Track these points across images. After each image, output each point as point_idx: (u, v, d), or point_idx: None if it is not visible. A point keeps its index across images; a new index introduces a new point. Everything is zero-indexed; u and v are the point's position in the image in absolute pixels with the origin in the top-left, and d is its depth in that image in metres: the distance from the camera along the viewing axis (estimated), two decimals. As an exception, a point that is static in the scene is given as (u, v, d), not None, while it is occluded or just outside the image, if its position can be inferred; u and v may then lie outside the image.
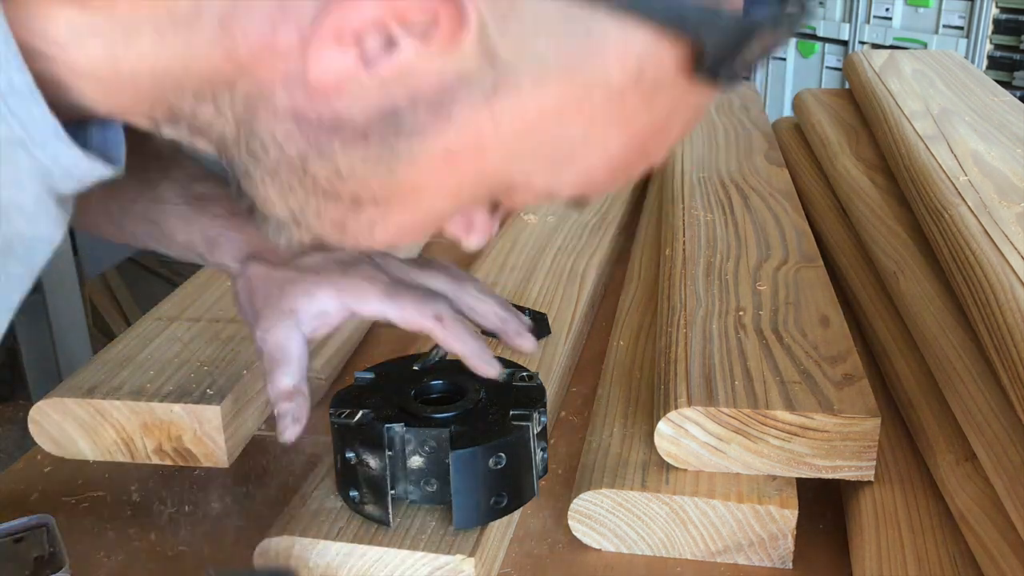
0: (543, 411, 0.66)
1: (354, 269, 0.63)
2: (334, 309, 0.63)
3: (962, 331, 0.77)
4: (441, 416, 0.64)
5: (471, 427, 0.63)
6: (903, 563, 0.63)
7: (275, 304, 0.62)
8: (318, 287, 0.62)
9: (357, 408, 0.65)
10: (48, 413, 0.73)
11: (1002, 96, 1.24)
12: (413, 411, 0.64)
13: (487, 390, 0.67)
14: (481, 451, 0.62)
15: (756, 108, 1.52)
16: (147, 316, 0.88)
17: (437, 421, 0.63)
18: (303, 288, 0.62)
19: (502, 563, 0.68)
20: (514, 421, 0.64)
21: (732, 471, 0.69)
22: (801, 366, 0.74)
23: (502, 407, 0.65)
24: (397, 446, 0.62)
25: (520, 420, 0.64)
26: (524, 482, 0.65)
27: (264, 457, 0.83)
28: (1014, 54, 3.73)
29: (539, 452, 0.66)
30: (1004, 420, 0.66)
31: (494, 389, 0.67)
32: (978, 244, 0.78)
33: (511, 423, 0.64)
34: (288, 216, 0.47)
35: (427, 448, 0.62)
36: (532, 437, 0.64)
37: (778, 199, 1.11)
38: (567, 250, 1.10)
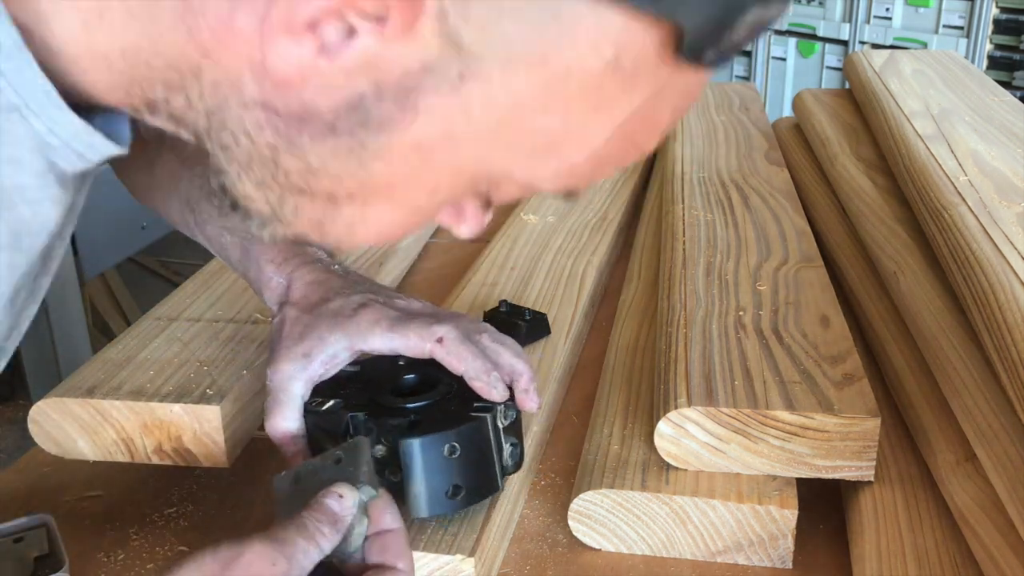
0: (511, 405, 0.65)
1: (364, 310, 0.66)
2: (343, 353, 0.66)
3: (962, 331, 0.77)
4: (406, 406, 0.64)
5: (428, 417, 0.63)
6: (903, 563, 0.63)
7: (291, 346, 0.66)
8: (331, 332, 0.66)
9: (331, 398, 0.66)
10: (48, 413, 0.73)
11: (1002, 96, 1.24)
12: (382, 402, 0.65)
13: (460, 384, 0.66)
14: (434, 439, 0.61)
15: (756, 108, 1.52)
16: (147, 316, 0.88)
17: (400, 411, 0.64)
18: (318, 333, 0.66)
19: (502, 563, 0.68)
20: (474, 412, 0.64)
21: (732, 471, 0.69)
22: (801, 366, 0.73)
23: (468, 400, 0.65)
24: (361, 434, 0.62)
25: (480, 411, 0.64)
26: (483, 474, 0.64)
27: (264, 457, 0.83)
28: (1014, 54, 3.73)
29: (508, 447, 0.65)
30: (1004, 420, 0.66)
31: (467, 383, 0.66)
32: (978, 244, 0.78)
33: (470, 413, 0.63)
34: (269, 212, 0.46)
35: (388, 437, 0.62)
36: (493, 429, 0.64)
37: (778, 199, 1.11)
38: (567, 250, 1.10)
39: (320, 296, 0.68)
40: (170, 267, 3.36)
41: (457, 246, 1.29)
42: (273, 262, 0.70)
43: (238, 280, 0.94)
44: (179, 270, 3.30)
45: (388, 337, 0.65)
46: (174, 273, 3.29)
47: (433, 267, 1.20)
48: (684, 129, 1.40)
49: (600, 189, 1.31)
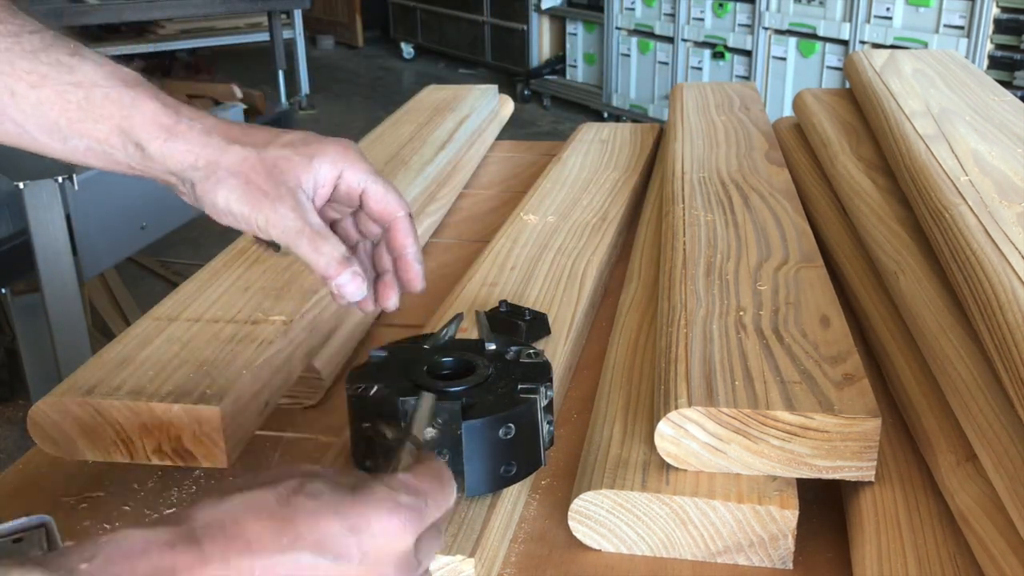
0: (549, 385, 0.69)
1: (339, 140, 0.64)
2: (330, 176, 0.63)
3: (962, 331, 0.77)
4: (453, 389, 0.67)
5: (481, 400, 0.66)
6: (903, 563, 0.63)
7: (282, 181, 0.61)
8: (313, 157, 0.62)
9: (372, 383, 0.68)
10: (47, 413, 0.73)
11: (1002, 96, 1.24)
12: (426, 385, 0.67)
13: (496, 367, 0.70)
14: (492, 421, 0.64)
15: (756, 108, 1.52)
16: (147, 316, 0.88)
17: (450, 394, 0.66)
18: (299, 161, 0.62)
19: (502, 563, 0.68)
20: (522, 394, 0.67)
21: (732, 471, 0.69)
22: (801, 366, 0.73)
23: (510, 381, 0.68)
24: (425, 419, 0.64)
25: (528, 393, 0.67)
26: (532, 451, 0.68)
27: (264, 457, 0.83)
28: (1014, 54, 3.73)
29: (545, 424, 0.69)
30: (1004, 420, 0.66)
31: (502, 366, 0.70)
32: (979, 244, 0.77)
33: (519, 395, 0.67)
34: None
35: (440, 420, 0.64)
36: (539, 409, 0.67)
37: (778, 199, 1.11)
38: (567, 250, 1.10)
39: (266, 133, 0.63)
40: (170, 267, 3.36)
41: (457, 246, 1.29)
42: (169, 106, 0.61)
43: (238, 280, 0.94)
44: (179, 270, 3.30)
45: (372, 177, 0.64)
46: (174, 273, 3.29)
47: (433, 267, 1.20)
48: (684, 129, 1.40)
49: (600, 189, 1.31)
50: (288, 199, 0.61)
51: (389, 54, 7.74)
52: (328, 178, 0.63)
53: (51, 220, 1.81)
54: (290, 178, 0.61)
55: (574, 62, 5.92)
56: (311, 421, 0.88)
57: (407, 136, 1.45)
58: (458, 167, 1.49)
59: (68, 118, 0.61)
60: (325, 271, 0.62)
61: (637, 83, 5.44)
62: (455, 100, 1.66)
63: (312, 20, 7.53)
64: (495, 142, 1.72)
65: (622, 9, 5.36)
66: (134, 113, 0.61)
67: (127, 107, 0.60)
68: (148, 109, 0.61)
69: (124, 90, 0.61)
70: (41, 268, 1.84)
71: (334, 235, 0.62)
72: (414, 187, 1.28)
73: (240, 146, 0.61)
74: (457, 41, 7.02)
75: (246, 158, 0.61)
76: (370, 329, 1.05)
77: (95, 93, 0.60)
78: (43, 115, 0.60)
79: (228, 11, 4.78)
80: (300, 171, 0.61)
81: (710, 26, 4.91)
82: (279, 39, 4.85)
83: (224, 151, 0.61)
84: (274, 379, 0.81)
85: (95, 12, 3.95)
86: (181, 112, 0.62)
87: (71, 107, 0.60)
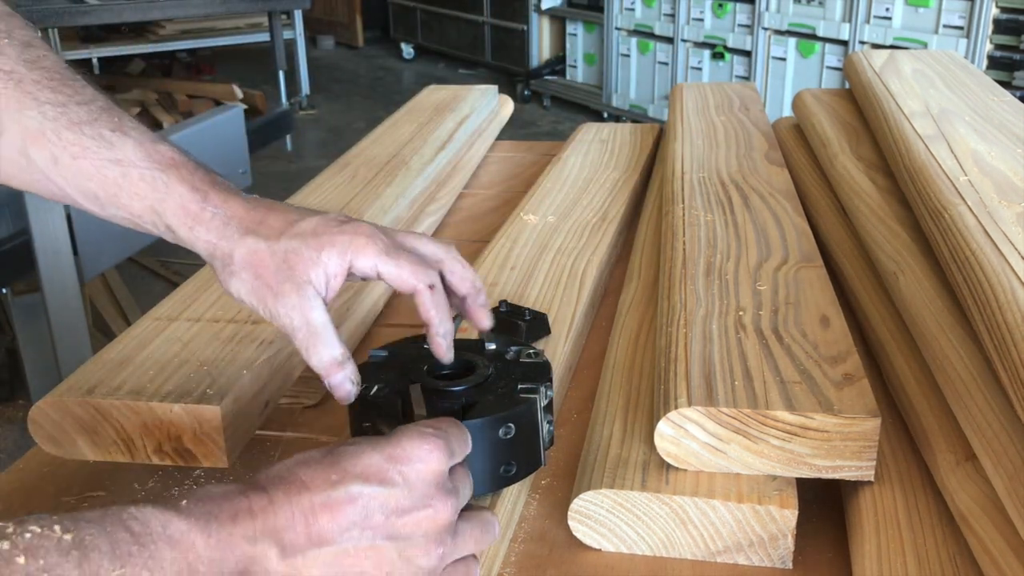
0: (549, 385, 0.69)
1: (351, 226, 0.63)
2: (339, 268, 0.63)
3: (962, 331, 0.77)
4: (453, 389, 0.67)
5: (482, 399, 0.66)
6: (903, 563, 0.63)
7: (288, 277, 0.61)
8: (321, 250, 0.62)
9: (372, 383, 0.67)
10: (48, 413, 0.73)
11: (1002, 96, 1.24)
12: (427, 385, 0.67)
13: (496, 367, 0.70)
14: (492, 421, 0.64)
15: (756, 108, 1.52)
16: (147, 316, 0.88)
17: (450, 394, 0.66)
18: (308, 255, 0.62)
19: (502, 563, 0.68)
20: (522, 394, 0.67)
21: (732, 471, 0.69)
22: (801, 366, 0.73)
23: (510, 381, 0.68)
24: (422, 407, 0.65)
25: (528, 393, 0.67)
26: (532, 451, 0.67)
27: (264, 457, 0.83)
28: (1014, 54, 3.73)
29: (545, 424, 0.69)
30: (1003, 420, 0.66)
31: (502, 366, 0.70)
32: (978, 244, 0.78)
33: (519, 395, 0.67)
34: None
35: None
36: (539, 409, 0.67)
37: (778, 199, 1.11)
38: (567, 250, 1.10)
39: (283, 221, 0.63)
40: (170, 267, 3.36)
41: (457, 246, 1.29)
42: (198, 191, 0.63)
43: (238, 280, 0.94)
44: (179, 270, 3.30)
45: (381, 259, 0.63)
46: (174, 273, 3.29)
47: (433, 267, 1.20)
48: (684, 129, 1.40)
49: (600, 189, 1.31)
50: (292, 296, 0.62)
51: (389, 54, 7.74)
52: (338, 269, 0.63)
53: (52, 220, 1.81)
54: (299, 272, 0.62)
55: (574, 62, 5.92)
56: (311, 421, 0.88)
57: (407, 136, 1.45)
58: (458, 167, 1.49)
59: (106, 191, 0.63)
60: (318, 371, 0.63)
61: (637, 83, 5.44)
62: (455, 100, 1.66)
63: (312, 20, 7.53)
64: (495, 142, 1.72)
65: (622, 9, 5.36)
66: (166, 197, 0.63)
67: (160, 190, 0.63)
68: (178, 194, 0.63)
69: (159, 173, 0.63)
70: (42, 268, 1.85)
71: (333, 334, 0.63)
72: (414, 187, 1.28)
73: (254, 238, 0.63)
74: (457, 41, 7.02)
75: (257, 251, 0.62)
76: (370, 329, 1.05)
77: (132, 172, 0.63)
78: (82, 184, 0.64)
79: (228, 11, 4.77)
80: (309, 266, 0.62)
81: (710, 26, 4.91)
82: (279, 39, 4.85)
83: (238, 243, 0.63)
84: (274, 379, 0.82)
85: (95, 12, 3.95)
86: (208, 198, 0.63)
87: (108, 182, 0.63)
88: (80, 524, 0.42)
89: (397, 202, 1.21)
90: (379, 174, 1.27)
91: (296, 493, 0.51)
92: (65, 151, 0.63)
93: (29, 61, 0.64)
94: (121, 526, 0.44)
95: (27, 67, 0.63)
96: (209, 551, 0.47)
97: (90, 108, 0.64)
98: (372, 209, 1.15)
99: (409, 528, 0.53)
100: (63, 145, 0.63)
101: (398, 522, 0.52)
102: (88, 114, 0.63)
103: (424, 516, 0.53)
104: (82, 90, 0.65)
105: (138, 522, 0.45)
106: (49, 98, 0.63)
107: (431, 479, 0.54)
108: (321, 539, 0.50)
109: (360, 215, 1.13)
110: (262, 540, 0.49)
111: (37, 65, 0.64)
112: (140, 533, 0.44)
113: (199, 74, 6.31)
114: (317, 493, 0.51)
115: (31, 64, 0.64)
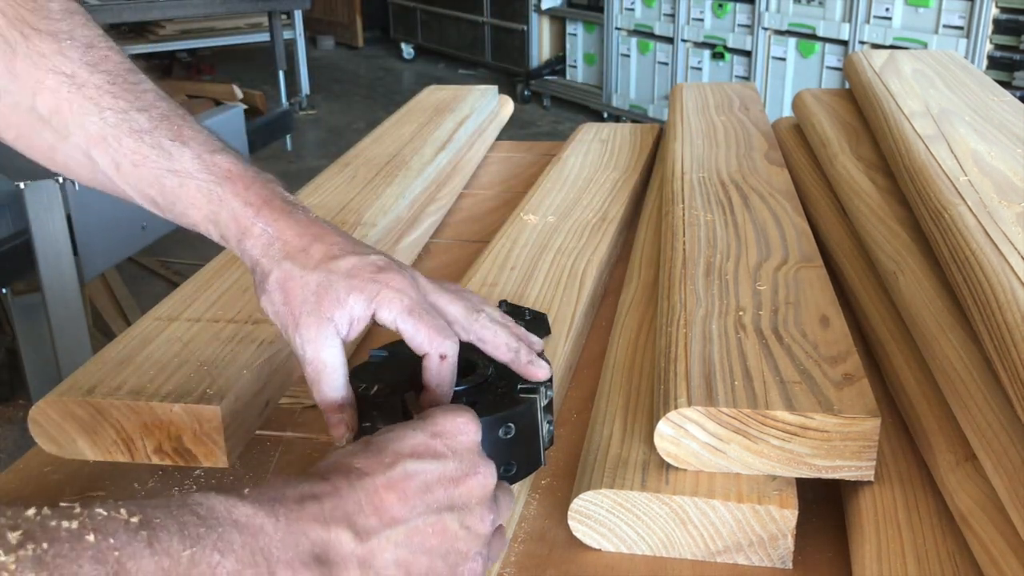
0: (549, 385, 0.69)
1: (386, 275, 0.63)
2: (364, 314, 0.63)
3: (962, 331, 0.77)
4: (454, 389, 0.66)
5: (482, 399, 0.66)
6: (903, 563, 0.63)
7: (312, 310, 0.62)
8: (348, 293, 0.62)
9: (373, 382, 0.67)
10: (48, 413, 0.73)
11: (1002, 96, 1.24)
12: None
13: (495, 366, 0.69)
14: (491, 421, 0.64)
15: (756, 108, 1.52)
16: (147, 316, 0.88)
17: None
18: (336, 294, 0.62)
19: (502, 563, 0.68)
20: (522, 394, 0.67)
21: (732, 471, 0.69)
22: (801, 366, 0.73)
23: (510, 381, 0.68)
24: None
25: (528, 393, 0.67)
26: (532, 451, 0.67)
27: (264, 457, 0.83)
28: (1014, 54, 3.73)
29: (545, 424, 0.68)
30: (1003, 420, 0.66)
31: (502, 365, 0.70)
32: (978, 244, 0.78)
33: (519, 395, 0.66)
34: None
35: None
36: (539, 409, 0.67)
37: (778, 199, 1.11)
38: (567, 250, 1.10)
39: (323, 253, 0.63)
40: (170, 267, 3.37)
41: (457, 246, 1.29)
42: (251, 205, 0.64)
43: (238, 280, 0.95)
44: (179, 270, 3.30)
45: (402, 317, 0.63)
46: (174, 273, 3.29)
47: (433, 267, 1.20)
48: (684, 129, 1.40)
49: (600, 189, 1.31)
50: (311, 329, 0.62)
51: (389, 54, 7.74)
52: (362, 315, 0.63)
53: (52, 220, 1.81)
54: (324, 308, 0.62)
55: (574, 62, 5.93)
56: (311, 421, 0.88)
57: (407, 136, 1.45)
58: (458, 167, 1.49)
59: (165, 199, 0.65)
60: (319, 405, 0.64)
61: (637, 83, 5.44)
62: (455, 100, 1.66)
63: (312, 20, 7.53)
64: (495, 142, 1.72)
65: (622, 9, 5.37)
66: (220, 209, 0.64)
67: (215, 202, 0.64)
68: (231, 207, 0.64)
69: (214, 186, 0.64)
70: (42, 268, 1.84)
71: (341, 377, 0.63)
72: (414, 187, 1.28)
73: (291, 263, 0.63)
74: (457, 41, 7.02)
75: (291, 278, 0.63)
76: (370, 328, 1.05)
77: (189, 183, 0.64)
78: (144, 190, 0.65)
79: (228, 11, 4.78)
80: (335, 305, 0.62)
81: (710, 26, 4.91)
82: (279, 39, 4.85)
83: (276, 265, 0.63)
84: (274, 379, 0.82)
85: (95, 12, 3.94)
86: (261, 214, 0.64)
87: (167, 191, 0.65)
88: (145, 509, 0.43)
89: (397, 202, 1.21)
90: (379, 174, 1.27)
91: (357, 478, 0.52)
92: (126, 158, 0.64)
93: (91, 64, 0.64)
94: (187, 510, 0.44)
95: (89, 70, 0.64)
96: (280, 533, 0.47)
97: (150, 115, 0.65)
98: (372, 209, 1.15)
99: (465, 496, 0.55)
100: (124, 152, 0.64)
101: (455, 492, 0.55)
102: (148, 121, 0.64)
103: (476, 483, 0.56)
104: (143, 95, 0.65)
105: (203, 507, 0.45)
106: (110, 104, 0.64)
107: (474, 447, 0.58)
108: (392, 519, 0.52)
109: (360, 215, 1.13)
110: (334, 525, 0.49)
111: (99, 68, 0.65)
112: (206, 516, 0.44)
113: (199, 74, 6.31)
114: (377, 475, 0.52)
115: (93, 67, 0.64)
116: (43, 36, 0.63)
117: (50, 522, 0.40)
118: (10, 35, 0.63)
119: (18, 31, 0.63)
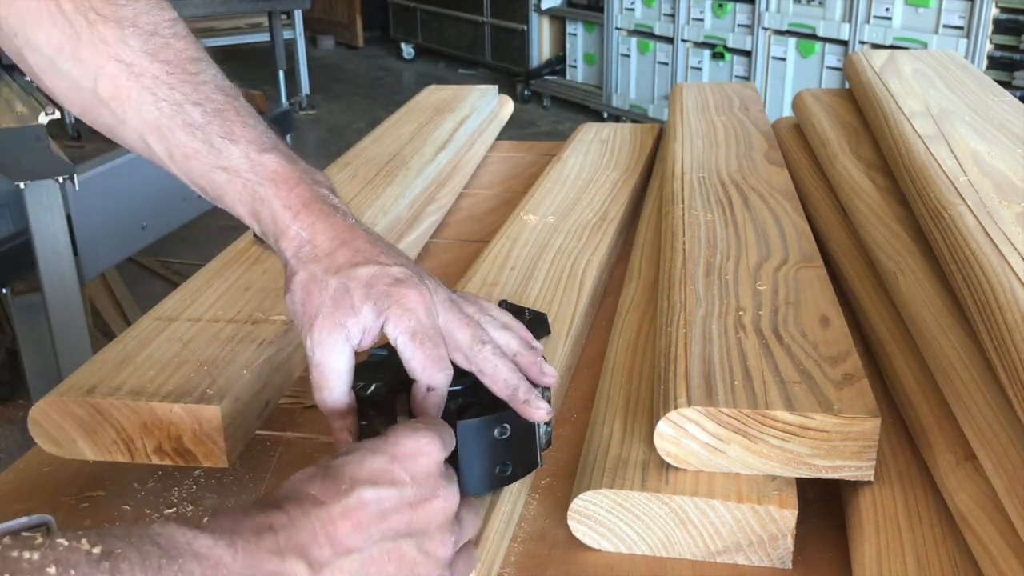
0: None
1: (401, 290, 0.64)
2: (374, 325, 0.64)
3: (962, 331, 0.77)
4: (450, 389, 0.66)
5: (477, 400, 0.66)
6: (903, 563, 0.63)
7: (328, 314, 0.63)
8: (362, 303, 0.63)
9: (371, 382, 0.68)
10: (48, 413, 0.73)
11: (1002, 96, 1.24)
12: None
13: None
14: (487, 421, 0.64)
15: (756, 108, 1.52)
16: (147, 316, 0.88)
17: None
18: (351, 301, 0.63)
19: (502, 563, 0.68)
20: None
21: (732, 471, 0.69)
22: (801, 366, 0.74)
23: None
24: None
25: None
26: (528, 452, 0.67)
27: (264, 457, 0.83)
28: (1014, 54, 3.73)
29: (542, 425, 0.68)
30: (1003, 420, 0.66)
31: None
32: (978, 244, 0.78)
33: None
34: None
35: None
36: None
37: (778, 199, 1.11)
38: (567, 250, 1.10)
39: (348, 258, 0.64)
40: (170, 267, 3.37)
41: (457, 246, 1.29)
42: (290, 208, 0.66)
43: (238, 280, 0.95)
44: (179, 270, 3.30)
45: (403, 339, 0.63)
46: (174, 273, 3.29)
47: (433, 267, 1.20)
48: (684, 129, 1.40)
49: (600, 189, 1.31)
50: (323, 333, 0.63)
51: (389, 54, 7.74)
52: (372, 326, 0.64)
53: (52, 220, 1.81)
54: (338, 315, 0.63)
55: (574, 62, 5.93)
56: (311, 421, 0.88)
57: (407, 136, 1.45)
58: (458, 167, 1.49)
59: (214, 191, 0.67)
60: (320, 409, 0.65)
61: (637, 83, 5.44)
62: (455, 100, 1.66)
63: (312, 20, 7.53)
64: (495, 142, 1.72)
65: (622, 9, 5.37)
66: (262, 209, 0.66)
67: (258, 202, 0.66)
68: (273, 208, 0.66)
69: (258, 186, 0.66)
70: (42, 268, 1.84)
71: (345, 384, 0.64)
72: (414, 187, 1.28)
73: (316, 266, 0.64)
74: (457, 41, 7.02)
75: (313, 280, 0.64)
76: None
77: (236, 181, 0.66)
78: (195, 180, 0.68)
79: (228, 11, 4.78)
80: (349, 313, 0.63)
81: (710, 26, 4.91)
82: (279, 39, 4.85)
83: (303, 267, 0.65)
84: (274, 379, 0.82)
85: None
86: (299, 218, 0.66)
87: (216, 185, 0.67)
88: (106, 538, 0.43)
89: (397, 202, 1.21)
90: (379, 174, 1.27)
91: (312, 507, 0.51)
92: (179, 150, 0.66)
93: (151, 53, 0.66)
94: (148, 540, 0.44)
95: (148, 59, 0.66)
96: (238, 565, 0.47)
97: (204, 109, 0.66)
98: (372, 209, 1.15)
99: (423, 521, 0.54)
100: (176, 143, 0.66)
101: (413, 517, 0.54)
102: (202, 116, 0.66)
103: (435, 507, 0.55)
104: (200, 86, 0.67)
105: (163, 537, 0.45)
106: (166, 95, 0.66)
107: (434, 470, 0.56)
108: (346, 548, 0.51)
109: (360, 215, 1.13)
110: (289, 556, 0.49)
111: (158, 57, 0.66)
112: (167, 547, 0.44)
113: (199, 74, 6.30)
114: (332, 505, 0.52)
115: (152, 56, 0.66)
116: (107, 23, 0.65)
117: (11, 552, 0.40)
118: (76, 20, 0.64)
119: (83, 16, 0.65)
